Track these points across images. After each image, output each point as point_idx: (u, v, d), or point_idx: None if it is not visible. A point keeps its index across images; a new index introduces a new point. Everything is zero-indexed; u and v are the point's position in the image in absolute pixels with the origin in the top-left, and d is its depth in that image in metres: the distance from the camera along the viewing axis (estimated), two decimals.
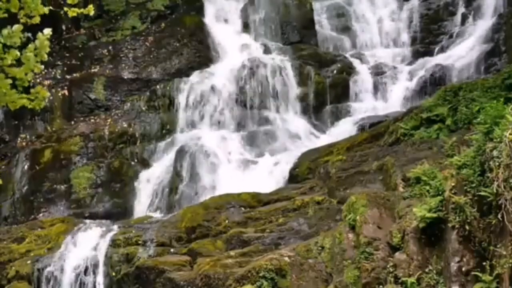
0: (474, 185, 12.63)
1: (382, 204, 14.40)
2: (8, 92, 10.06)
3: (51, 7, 10.24)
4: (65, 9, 10.41)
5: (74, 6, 10.43)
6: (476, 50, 22.50)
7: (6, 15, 10.16)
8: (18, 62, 10.00)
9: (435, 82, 21.85)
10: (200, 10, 25.12)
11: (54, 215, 20.24)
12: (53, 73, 23.68)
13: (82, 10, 10.47)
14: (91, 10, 10.52)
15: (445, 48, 23.83)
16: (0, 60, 9.81)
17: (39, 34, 9.88)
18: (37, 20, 10.06)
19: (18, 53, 9.79)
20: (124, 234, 17.14)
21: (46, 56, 9.96)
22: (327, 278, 14.26)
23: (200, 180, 20.30)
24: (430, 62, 22.98)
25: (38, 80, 22.28)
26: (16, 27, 9.74)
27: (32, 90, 10.23)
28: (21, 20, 10.05)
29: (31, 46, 9.80)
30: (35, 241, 17.78)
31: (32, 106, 10.28)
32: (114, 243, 16.94)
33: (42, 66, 10.08)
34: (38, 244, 17.66)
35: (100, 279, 16.64)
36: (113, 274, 16.54)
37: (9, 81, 9.95)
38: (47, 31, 9.88)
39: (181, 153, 20.86)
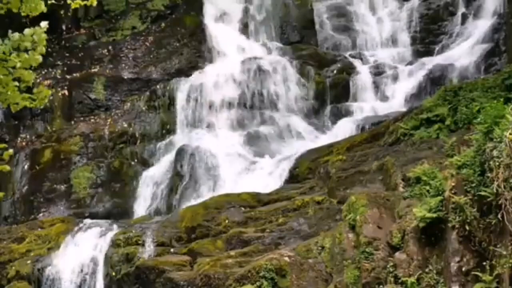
0: (474, 185, 12.62)
1: (382, 204, 14.39)
2: (12, 94, 10.08)
3: (53, 1, 10.26)
4: (68, 1, 10.43)
5: None
6: (476, 50, 22.51)
7: (3, 11, 10.19)
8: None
9: (435, 82, 21.84)
10: (200, 10, 25.09)
11: (54, 215, 20.24)
12: (53, 73, 23.66)
13: (85, 2, 10.50)
14: (94, 1, 10.54)
15: (445, 48, 23.83)
16: (5, 62, 9.81)
17: (36, 28, 9.88)
18: (38, 12, 10.09)
19: (27, 56, 9.81)
20: (124, 234, 17.14)
21: (44, 49, 9.97)
22: (327, 278, 14.26)
23: (200, 180, 20.30)
24: (430, 62, 22.96)
25: (38, 80, 22.25)
26: (27, 31, 9.76)
27: (35, 90, 10.24)
28: (22, 14, 10.07)
29: (28, 31, 9.79)
30: (35, 241, 17.78)
31: (34, 105, 10.31)
32: (114, 243, 16.95)
33: (40, 58, 10.07)
34: (38, 244, 17.67)
35: (100, 279, 16.65)
36: (113, 274, 16.55)
37: (16, 83, 9.98)
38: (44, 24, 9.89)
39: (181, 153, 20.85)
